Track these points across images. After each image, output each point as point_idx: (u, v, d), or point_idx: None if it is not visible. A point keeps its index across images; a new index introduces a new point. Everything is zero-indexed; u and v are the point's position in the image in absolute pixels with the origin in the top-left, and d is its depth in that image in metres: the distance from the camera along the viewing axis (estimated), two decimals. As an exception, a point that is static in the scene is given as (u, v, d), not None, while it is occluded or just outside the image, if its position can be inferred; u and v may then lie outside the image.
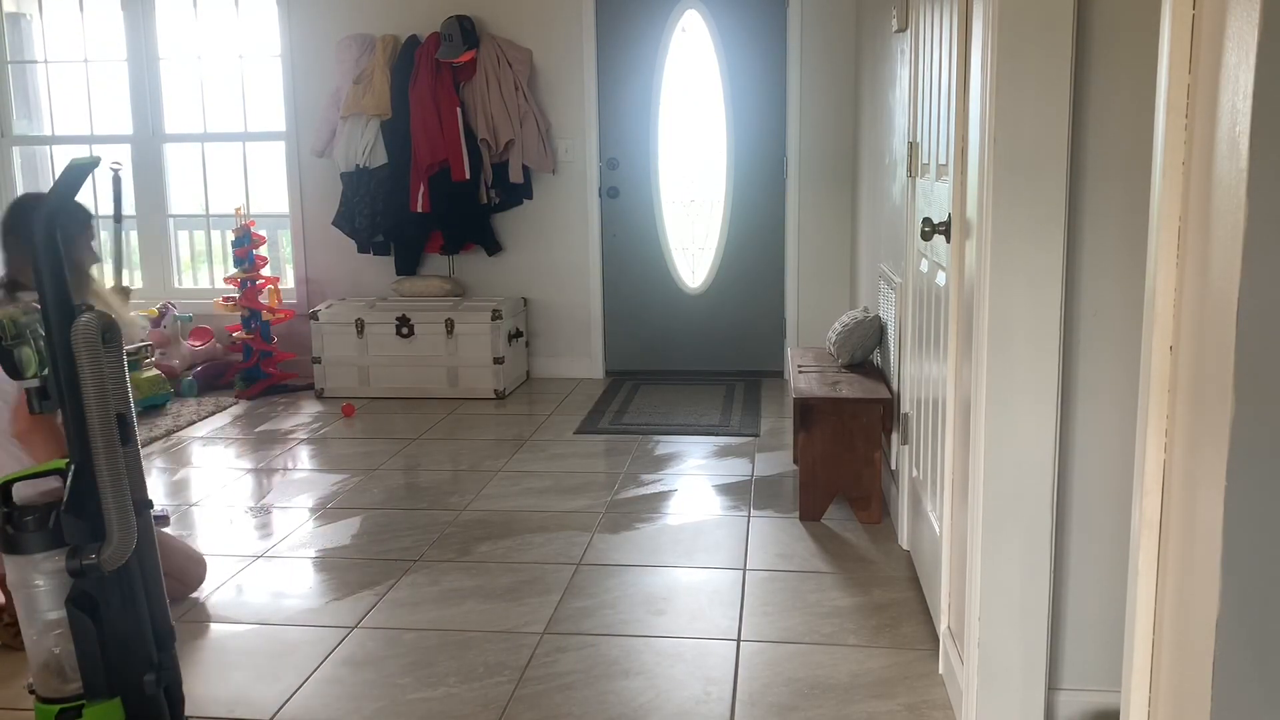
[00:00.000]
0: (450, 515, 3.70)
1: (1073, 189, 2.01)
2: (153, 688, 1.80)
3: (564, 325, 5.97)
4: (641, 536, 3.46)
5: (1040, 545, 2.10)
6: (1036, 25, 1.93)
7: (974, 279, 2.15)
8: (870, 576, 3.10)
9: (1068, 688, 2.21)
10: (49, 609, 1.75)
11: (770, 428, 4.81)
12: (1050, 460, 2.07)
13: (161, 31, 5.97)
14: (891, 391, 3.57)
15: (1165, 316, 1.19)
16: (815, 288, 5.80)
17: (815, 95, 5.62)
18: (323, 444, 4.70)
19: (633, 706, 2.40)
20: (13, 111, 6.14)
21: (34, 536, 1.72)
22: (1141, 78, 1.96)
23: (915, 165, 3.04)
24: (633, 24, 5.71)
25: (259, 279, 5.65)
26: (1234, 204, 1.01)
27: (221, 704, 2.45)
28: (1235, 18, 1.01)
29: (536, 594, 3.01)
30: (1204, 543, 1.09)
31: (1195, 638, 1.11)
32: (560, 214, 5.85)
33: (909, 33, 3.19)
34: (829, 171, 5.67)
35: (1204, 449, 1.09)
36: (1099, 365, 2.08)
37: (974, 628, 2.16)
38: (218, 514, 3.74)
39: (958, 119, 2.33)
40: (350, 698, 2.46)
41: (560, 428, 4.89)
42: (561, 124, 5.77)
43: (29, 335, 1.73)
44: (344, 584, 3.12)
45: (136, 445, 1.78)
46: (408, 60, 5.59)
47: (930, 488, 2.80)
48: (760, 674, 2.54)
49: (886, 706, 2.38)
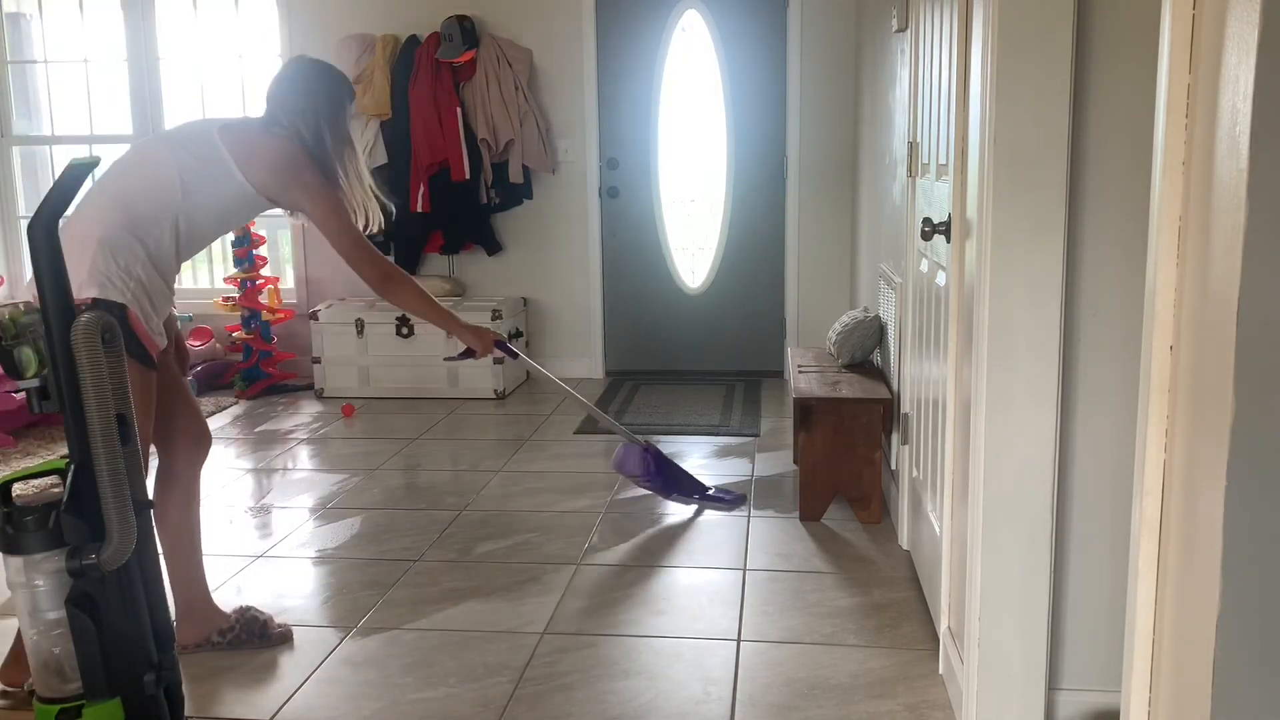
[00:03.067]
0: (450, 515, 3.70)
1: (1073, 189, 2.01)
2: (153, 688, 1.80)
3: (564, 325, 5.97)
4: (641, 536, 3.46)
5: (1040, 545, 2.10)
6: (1036, 25, 1.93)
7: (974, 279, 2.15)
8: (870, 576, 3.10)
9: (1068, 688, 2.21)
10: (49, 609, 1.75)
11: (770, 428, 4.81)
12: (1050, 460, 2.07)
13: (161, 31, 5.96)
14: (891, 391, 3.57)
15: (1165, 316, 1.19)
16: (815, 288, 5.80)
17: (815, 95, 5.62)
18: (323, 444, 4.70)
19: (633, 706, 2.40)
20: (13, 111, 6.14)
21: (34, 536, 1.71)
22: (1141, 78, 1.95)
23: (915, 165, 3.04)
24: (633, 24, 5.71)
25: (259, 279, 5.65)
26: (1234, 204, 1.01)
27: (221, 704, 2.45)
28: (1235, 18, 1.01)
29: (536, 594, 3.01)
30: (1204, 543, 1.09)
31: (1195, 638, 1.11)
32: (560, 214, 5.85)
33: (909, 33, 3.19)
34: (829, 171, 5.67)
35: (1204, 449, 1.09)
36: (1099, 365, 2.08)
37: (974, 628, 2.16)
38: (218, 514, 3.74)
39: (958, 119, 2.33)
40: (350, 698, 2.46)
41: (560, 428, 4.89)
42: (561, 124, 5.77)
43: (29, 335, 1.73)
44: (344, 584, 3.12)
45: (136, 445, 1.78)
46: (408, 60, 5.59)
47: (930, 488, 2.80)
48: (760, 674, 2.54)
49: (886, 706, 2.38)
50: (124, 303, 2.31)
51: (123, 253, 2.34)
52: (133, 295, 2.34)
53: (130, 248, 2.35)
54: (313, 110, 2.54)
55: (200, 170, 2.43)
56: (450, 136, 5.51)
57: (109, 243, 2.32)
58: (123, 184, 2.43)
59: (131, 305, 2.33)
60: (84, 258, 2.30)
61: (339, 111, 2.59)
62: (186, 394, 2.65)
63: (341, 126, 2.59)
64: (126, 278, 2.33)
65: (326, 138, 2.55)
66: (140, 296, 2.36)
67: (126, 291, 2.33)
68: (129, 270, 2.33)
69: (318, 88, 2.56)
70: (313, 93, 2.55)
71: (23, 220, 6.22)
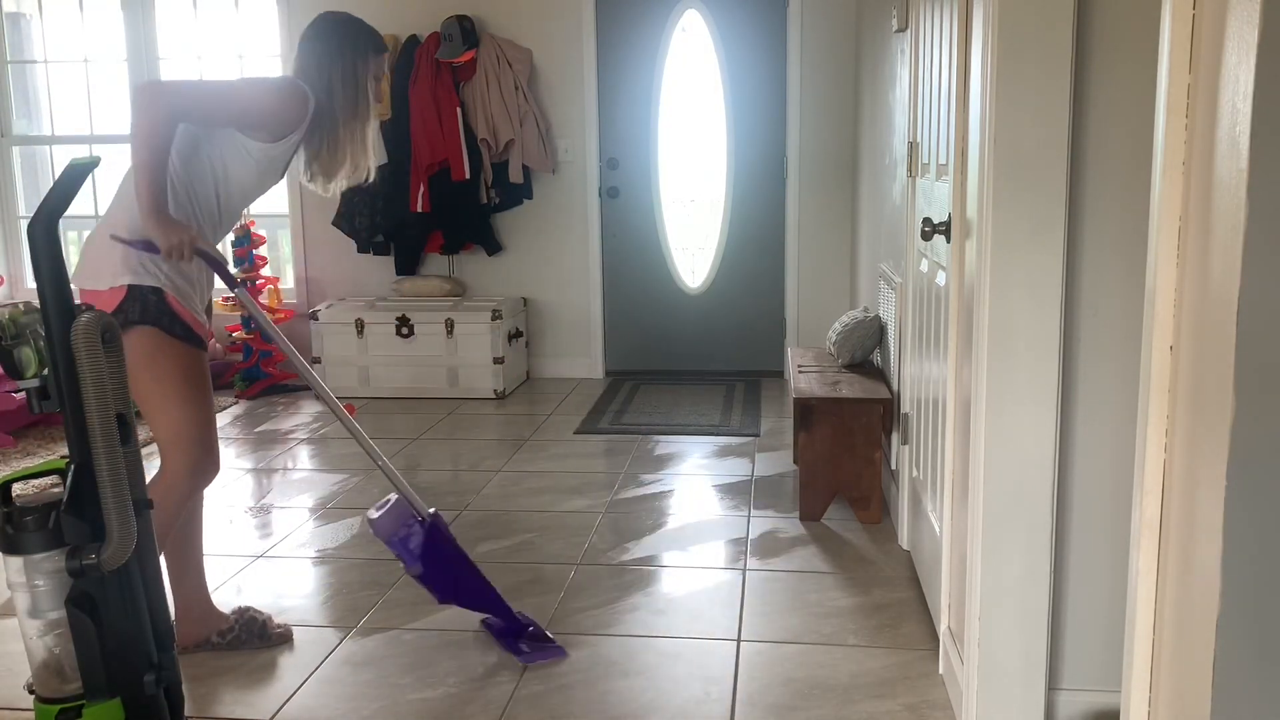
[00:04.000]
0: (450, 515, 3.69)
1: (1073, 189, 2.01)
2: (153, 688, 1.80)
3: (564, 325, 5.97)
4: (641, 536, 3.46)
5: (1040, 545, 2.10)
6: (1036, 25, 1.93)
7: (974, 279, 2.15)
8: (870, 576, 3.10)
9: (1068, 688, 2.21)
10: (49, 609, 1.75)
11: (770, 428, 4.81)
12: (1050, 460, 2.07)
13: (161, 31, 5.96)
14: (891, 391, 3.57)
15: (1165, 316, 1.19)
16: (815, 288, 5.80)
17: (815, 95, 5.62)
18: (323, 444, 4.69)
19: (633, 706, 2.40)
20: (13, 111, 6.14)
21: (34, 536, 1.71)
22: (1141, 78, 1.96)
23: (915, 165, 3.04)
24: (633, 24, 5.71)
25: (259, 279, 5.65)
26: (1234, 204, 1.01)
27: (221, 704, 2.45)
28: (1235, 18, 1.01)
29: (536, 594, 3.01)
30: (1204, 543, 1.09)
31: (1195, 638, 1.11)
32: (560, 214, 5.85)
33: (909, 33, 3.19)
34: (829, 171, 5.67)
35: (1204, 449, 1.09)
36: (1099, 365, 2.08)
37: (974, 628, 2.16)
38: (218, 514, 3.74)
39: (958, 119, 2.33)
40: (350, 698, 2.46)
41: (560, 428, 4.89)
42: (561, 124, 5.77)
43: (29, 335, 1.73)
44: (344, 584, 3.12)
45: (137, 445, 1.78)
46: (408, 60, 5.59)
47: (930, 488, 2.80)
48: (760, 674, 2.54)
49: (886, 706, 2.38)
50: (159, 286, 2.35)
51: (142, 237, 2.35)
52: (166, 278, 2.37)
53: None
54: (324, 62, 2.51)
55: (211, 139, 2.44)
56: (450, 136, 5.51)
57: (135, 231, 2.34)
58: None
59: (166, 288, 2.37)
60: (114, 251, 2.34)
61: (354, 62, 2.53)
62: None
63: (355, 77, 2.53)
64: (152, 264, 2.36)
65: (337, 87, 2.51)
66: (175, 278, 2.39)
67: (160, 275, 2.36)
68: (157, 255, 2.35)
69: (332, 39, 2.53)
70: (326, 43, 2.52)
71: (23, 220, 6.22)
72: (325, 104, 2.52)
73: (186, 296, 2.42)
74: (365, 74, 2.56)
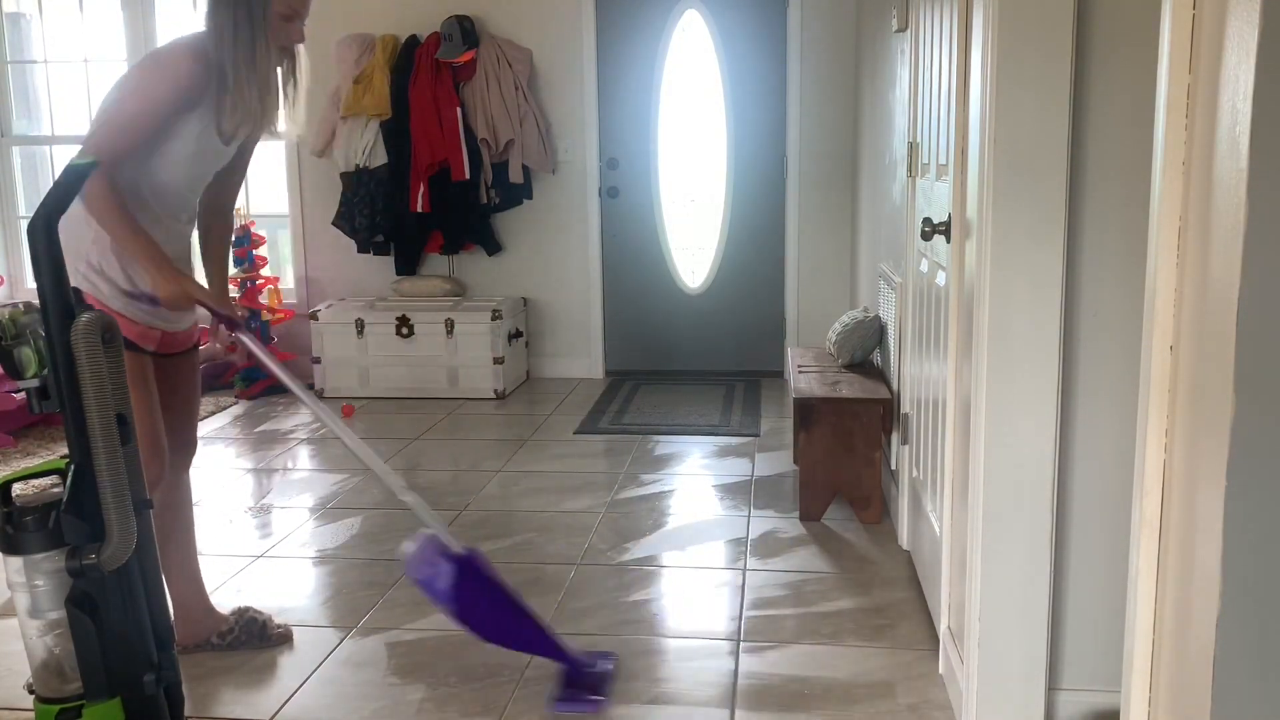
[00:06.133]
0: (450, 515, 3.69)
1: (1073, 189, 2.01)
2: (153, 688, 1.80)
3: (564, 325, 5.97)
4: (641, 536, 3.46)
5: (1040, 545, 2.10)
6: (1036, 26, 1.93)
7: (974, 279, 2.15)
8: (870, 576, 3.10)
9: (1068, 688, 2.21)
10: (49, 609, 1.75)
11: (770, 428, 4.81)
12: (1050, 460, 2.07)
13: (161, 31, 5.96)
14: (891, 391, 3.57)
15: (1165, 316, 1.19)
16: (815, 288, 5.80)
17: (815, 95, 5.62)
18: (323, 444, 4.69)
19: (633, 707, 2.40)
20: (13, 111, 6.14)
21: (34, 536, 1.71)
22: (1141, 78, 1.95)
23: (915, 165, 3.04)
24: (633, 24, 5.71)
25: (259, 279, 5.65)
26: (1234, 204, 1.01)
27: (221, 704, 2.45)
28: (1235, 18, 1.01)
29: (536, 594, 3.01)
30: (1204, 543, 1.09)
31: (1195, 638, 1.11)
32: (560, 214, 5.85)
33: (909, 33, 3.19)
34: (829, 171, 5.67)
35: (1204, 449, 1.09)
36: (1099, 365, 2.08)
37: (974, 628, 2.16)
38: (218, 514, 3.74)
39: (958, 119, 2.33)
40: (350, 698, 2.46)
41: (560, 428, 4.89)
42: (561, 124, 5.77)
43: (29, 335, 1.73)
44: (344, 584, 3.12)
45: (136, 445, 1.78)
46: (407, 60, 5.59)
47: (930, 488, 2.80)
48: (760, 674, 2.54)
49: (886, 706, 2.38)
50: (77, 287, 2.31)
51: (71, 238, 2.27)
52: (83, 277, 2.33)
53: (74, 231, 2.29)
54: (218, 7, 2.35)
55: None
56: (450, 136, 5.51)
57: (64, 232, 2.30)
58: None
59: (84, 287, 2.30)
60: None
61: (250, 2, 2.36)
62: (189, 398, 2.65)
63: (251, 18, 2.36)
64: (76, 261, 2.32)
65: (227, 34, 2.35)
66: (93, 276, 2.34)
67: (77, 275, 2.31)
68: (78, 253, 2.32)
69: None
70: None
71: (23, 220, 6.21)
72: (216, 53, 2.37)
73: (114, 297, 2.36)
74: (266, 12, 2.37)
